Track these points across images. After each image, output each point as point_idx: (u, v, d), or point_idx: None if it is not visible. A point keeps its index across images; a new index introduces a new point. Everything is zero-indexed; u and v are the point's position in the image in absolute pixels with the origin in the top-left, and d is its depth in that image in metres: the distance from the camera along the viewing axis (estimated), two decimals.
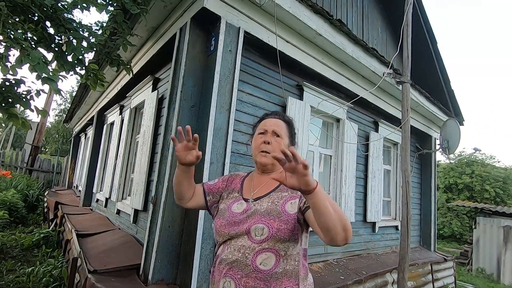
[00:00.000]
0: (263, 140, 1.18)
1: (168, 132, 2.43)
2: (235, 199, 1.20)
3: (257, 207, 1.12)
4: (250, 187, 1.21)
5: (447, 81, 5.61)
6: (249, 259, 1.03)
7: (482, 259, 8.21)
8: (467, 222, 12.74)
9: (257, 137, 1.22)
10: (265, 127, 1.22)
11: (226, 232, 1.10)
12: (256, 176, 1.24)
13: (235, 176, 1.30)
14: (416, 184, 5.48)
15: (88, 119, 7.56)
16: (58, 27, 2.19)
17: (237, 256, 1.04)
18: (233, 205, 1.17)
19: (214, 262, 1.14)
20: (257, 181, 1.22)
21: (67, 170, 9.94)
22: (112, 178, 4.29)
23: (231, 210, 1.16)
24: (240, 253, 1.05)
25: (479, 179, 13.79)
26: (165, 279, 2.14)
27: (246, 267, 1.02)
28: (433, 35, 5.31)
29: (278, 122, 1.24)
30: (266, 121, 1.25)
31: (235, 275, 1.03)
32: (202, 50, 2.53)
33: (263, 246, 1.04)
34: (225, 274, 1.05)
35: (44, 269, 3.34)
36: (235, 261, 1.04)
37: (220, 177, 1.33)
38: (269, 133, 1.20)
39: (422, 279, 4.34)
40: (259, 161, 1.20)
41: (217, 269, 1.09)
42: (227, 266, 1.05)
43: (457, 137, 4.96)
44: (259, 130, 1.23)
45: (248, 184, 1.23)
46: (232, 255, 1.05)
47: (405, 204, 3.31)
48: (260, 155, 1.18)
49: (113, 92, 4.90)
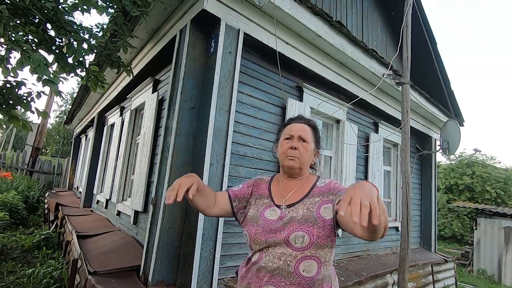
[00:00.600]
0: (290, 146, 1.20)
1: (168, 133, 2.43)
2: (266, 205, 1.20)
3: (293, 214, 1.12)
4: (280, 193, 1.22)
5: (447, 82, 5.61)
6: (291, 266, 1.04)
7: (483, 260, 8.19)
8: (468, 223, 12.71)
9: (284, 142, 1.23)
10: (291, 132, 1.23)
11: (263, 239, 1.10)
12: (283, 181, 1.25)
13: (259, 181, 1.30)
14: (417, 185, 5.48)
15: (88, 120, 7.58)
16: (58, 29, 2.20)
17: (278, 264, 1.06)
18: (266, 212, 1.17)
19: (247, 268, 1.14)
20: (286, 186, 1.23)
21: (67, 171, 9.95)
22: (112, 179, 4.29)
23: (265, 216, 1.15)
24: (281, 260, 1.06)
25: (480, 180, 13.77)
26: (165, 280, 2.15)
27: (289, 274, 1.04)
28: (432, 36, 5.32)
29: (303, 127, 1.25)
30: (292, 126, 1.26)
31: (279, 283, 1.05)
32: (202, 51, 2.54)
33: (305, 253, 1.06)
34: (267, 282, 1.06)
35: (45, 270, 3.35)
36: (276, 268, 1.06)
37: (243, 183, 1.32)
38: (296, 138, 1.21)
39: (422, 280, 4.33)
40: (286, 165, 1.21)
41: (255, 276, 1.09)
42: (268, 273, 1.06)
43: (457, 138, 4.96)
44: (285, 135, 1.24)
45: (277, 189, 1.24)
46: (272, 263, 1.06)
47: (405, 205, 3.31)
48: (288, 159, 1.20)
49: (114, 93, 4.92)
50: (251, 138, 2.80)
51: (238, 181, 2.67)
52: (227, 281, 2.45)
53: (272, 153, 2.93)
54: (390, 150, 5.07)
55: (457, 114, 5.77)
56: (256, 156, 2.83)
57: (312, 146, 1.24)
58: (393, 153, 5.08)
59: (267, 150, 2.92)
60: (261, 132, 2.89)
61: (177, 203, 2.19)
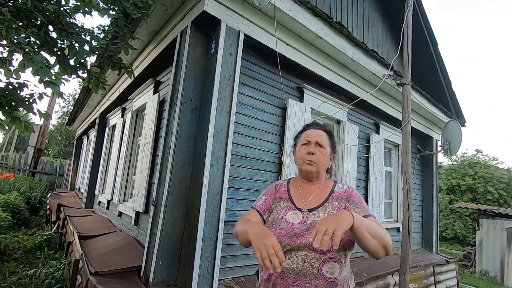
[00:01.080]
0: (308, 151, 1.26)
1: (169, 134, 2.44)
2: (287, 208, 1.24)
3: (315, 218, 1.18)
4: (300, 196, 1.27)
5: (448, 82, 5.60)
6: (315, 268, 1.10)
7: (485, 261, 8.15)
8: (470, 224, 12.66)
9: (301, 148, 1.29)
10: (309, 138, 1.29)
11: (287, 242, 1.13)
12: (301, 185, 1.31)
13: (278, 186, 1.34)
14: (418, 185, 5.47)
15: (90, 121, 7.62)
16: (60, 31, 2.22)
17: (303, 266, 1.10)
18: (287, 215, 1.22)
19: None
20: (305, 190, 1.29)
21: (69, 172, 9.99)
22: (114, 180, 4.31)
23: (287, 220, 1.20)
24: (306, 262, 1.11)
25: (482, 181, 13.71)
26: (165, 281, 2.15)
27: (313, 275, 1.09)
28: (433, 36, 5.32)
29: (320, 133, 1.31)
30: (308, 132, 1.32)
31: (304, 284, 1.10)
32: (203, 53, 2.55)
33: (328, 256, 1.11)
34: (292, 283, 1.10)
35: (46, 271, 3.36)
36: (301, 270, 1.10)
37: (263, 194, 1.33)
38: (313, 144, 1.27)
39: (424, 281, 4.31)
40: (304, 169, 1.27)
41: (280, 278, 1.13)
42: (292, 275, 1.11)
43: (459, 139, 4.94)
44: (303, 141, 1.30)
45: (296, 193, 1.29)
46: (296, 264, 1.11)
47: (406, 205, 3.30)
48: (306, 164, 1.26)
49: (115, 95, 4.94)
50: (251, 139, 2.81)
51: (238, 182, 2.68)
52: (228, 281, 2.45)
53: (276, 158, 2.94)
54: (391, 150, 5.06)
55: (459, 114, 5.76)
56: (257, 157, 2.84)
57: (329, 151, 1.30)
58: (394, 154, 5.07)
59: (267, 151, 2.93)
60: (262, 133, 2.90)
61: (178, 205, 2.19)
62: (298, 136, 1.37)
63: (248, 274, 2.65)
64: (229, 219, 2.55)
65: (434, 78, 5.62)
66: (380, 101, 4.26)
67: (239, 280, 2.53)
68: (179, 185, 2.30)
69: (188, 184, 2.34)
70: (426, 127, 5.36)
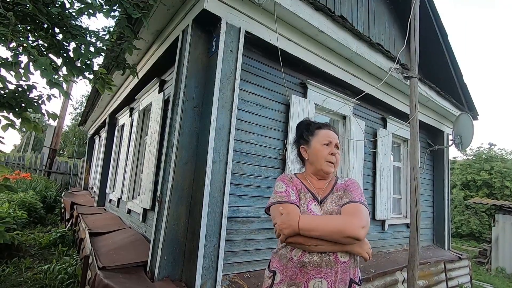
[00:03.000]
0: (331, 152, 1.33)
1: (172, 132, 2.48)
2: (310, 199, 1.29)
3: (324, 208, 1.27)
4: (314, 189, 1.33)
5: (459, 75, 5.44)
6: (331, 255, 1.15)
7: (501, 258, 7.91)
8: (486, 220, 12.30)
9: (323, 148, 1.34)
10: (330, 139, 1.35)
11: None
12: (312, 181, 1.36)
13: (290, 178, 1.36)
14: (428, 181, 5.35)
15: (101, 122, 7.79)
16: (65, 34, 2.28)
17: (322, 257, 1.15)
18: (311, 206, 1.27)
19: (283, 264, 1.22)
20: (315, 185, 1.35)
21: (83, 171, 10.26)
22: (123, 178, 4.41)
23: (313, 211, 1.25)
24: (324, 253, 1.16)
25: (499, 176, 13.27)
26: (170, 275, 2.20)
27: (332, 264, 1.15)
28: (443, 28, 5.17)
29: (336, 135, 1.39)
30: (328, 133, 1.37)
31: (326, 274, 1.14)
32: (204, 51, 2.57)
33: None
34: (314, 276, 1.15)
35: (60, 266, 3.48)
36: (321, 261, 1.15)
37: (282, 188, 1.29)
38: (333, 145, 1.35)
39: (434, 278, 4.24)
40: (326, 170, 1.33)
41: (299, 271, 1.16)
42: (314, 267, 1.15)
43: (470, 132, 4.81)
44: (324, 141, 1.35)
45: (310, 186, 1.35)
46: (317, 257, 1.15)
47: (414, 201, 3.25)
48: (327, 165, 1.32)
49: (123, 95, 5.04)
50: (254, 135, 2.81)
51: (242, 178, 2.69)
52: (232, 277, 2.48)
53: (279, 153, 2.94)
54: (400, 145, 4.97)
55: (471, 107, 5.59)
56: (260, 153, 2.84)
57: (340, 152, 1.41)
58: (403, 149, 4.98)
59: (271, 148, 2.93)
60: (265, 129, 2.90)
61: (182, 202, 2.22)
62: (312, 133, 1.38)
63: (253, 270, 2.67)
64: (233, 215, 2.58)
65: (444, 70, 5.47)
66: (387, 95, 4.19)
67: (243, 275, 2.55)
68: (182, 182, 2.34)
69: (191, 181, 2.38)
70: (436, 121, 5.24)
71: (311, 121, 1.45)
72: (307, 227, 1.12)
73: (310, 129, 1.40)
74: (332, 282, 1.13)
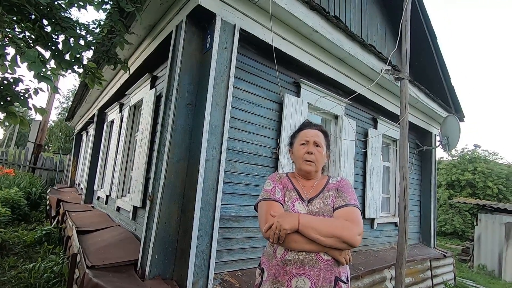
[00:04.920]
0: (307, 151, 1.32)
1: (164, 129, 2.44)
2: (294, 198, 1.30)
3: (311, 208, 1.26)
4: (301, 188, 1.34)
5: (447, 77, 5.57)
6: (313, 254, 1.15)
7: (483, 255, 8.19)
8: (469, 219, 12.70)
9: (300, 148, 1.35)
10: (307, 138, 1.35)
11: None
12: (300, 181, 1.37)
13: (279, 177, 1.38)
14: (416, 180, 5.47)
15: (89, 117, 7.62)
16: (54, 26, 2.20)
17: (304, 255, 1.15)
18: (295, 204, 1.28)
19: (269, 262, 1.22)
20: (304, 185, 1.35)
21: (69, 168, 10.02)
22: (112, 175, 4.33)
23: (296, 209, 1.25)
24: (306, 251, 1.15)
25: (482, 176, 13.71)
26: (161, 274, 2.17)
27: (314, 262, 1.14)
28: (433, 31, 5.28)
29: (317, 133, 1.37)
30: (306, 132, 1.37)
31: (308, 273, 1.14)
32: (198, 47, 2.54)
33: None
34: (296, 274, 1.14)
35: (46, 265, 3.39)
36: (303, 260, 1.15)
37: (270, 186, 1.33)
38: (311, 144, 1.33)
39: (421, 275, 4.34)
40: (304, 169, 1.33)
41: (283, 270, 1.17)
42: (296, 266, 1.15)
43: (457, 134, 4.94)
44: (301, 141, 1.36)
45: (298, 185, 1.35)
46: (299, 255, 1.15)
47: (403, 200, 3.32)
48: (305, 164, 1.32)
49: (113, 90, 4.93)
50: (248, 133, 2.81)
51: (235, 176, 2.68)
52: (224, 275, 2.48)
53: (271, 155, 2.94)
54: (390, 145, 5.06)
55: (457, 109, 5.74)
56: (253, 151, 2.84)
57: (325, 150, 1.37)
58: (392, 149, 5.07)
59: (264, 146, 2.93)
60: (258, 127, 2.90)
61: (174, 199, 2.21)
62: (295, 135, 1.43)
63: (244, 268, 2.67)
64: (225, 213, 2.57)
65: (433, 73, 5.59)
66: (378, 96, 4.25)
67: (235, 273, 2.55)
68: (174, 180, 2.31)
69: (184, 178, 2.35)
70: (424, 122, 5.35)
71: (300, 125, 1.48)
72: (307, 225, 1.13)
73: (294, 133, 1.45)
74: (315, 280, 1.13)
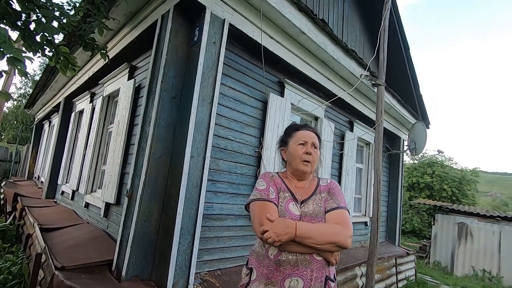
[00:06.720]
0: (306, 151, 1.32)
1: (146, 123, 2.33)
2: (288, 198, 1.29)
3: (305, 209, 1.27)
4: (294, 189, 1.33)
5: (417, 86, 5.93)
6: (307, 254, 1.16)
7: (438, 253, 8.88)
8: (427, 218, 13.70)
9: (298, 147, 1.34)
10: (306, 139, 1.35)
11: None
12: (293, 181, 1.36)
13: (271, 176, 1.36)
14: (385, 182, 5.77)
15: (53, 105, 7.05)
16: (26, 3, 2.00)
17: (298, 256, 1.16)
18: (289, 205, 1.27)
19: (260, 262, 1.21)
20: (297, 185, 1.35)
21: (27, 159, 9.22)
22: (80, 169, 4.05)
23: (290, 211, 1.24)
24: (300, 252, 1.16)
25: (439, 179, 14.87)
26: (139, 275, 2.07)
27: (307, 262, 1.16)
28: (406, 41, 5.58)
29: (313, 135, 1.39)
30: (304, 133, 1.37)
31: (302, 273, 1.15)
32: (185, 40, 2.45)
33: None
34: (290, 274, 1.15)
35: (2, 265, 3.08)
36: (296, 260, 1.15)
37: (263, 185, 1.30)
38: (309, 145, 1.34)
39: (387, 272, 4.60)
40: (301, 169, 1.32)
41: (276, 270, 1.16)
42: (289, 266, 1.15)
43: (424, 139, 5.28)
44: (300, 141, 1.35)
45: (290, 186, 1.34)
46: (293, 256, 1.16)
47: (376, 201, 3.48)
48: (303, 164, 1.32)
49: (84, 78, 4.60)
50: (232, 131, 2.77)
51: (217, 174, 2.63)
52: (204, 275, 2.42)
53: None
54: (363, 148, 5.28)
55: (424, 116, 6.13)
56: (237, 150, 2.80)
57: (319, 152, 1.39)
58: (365, 152, 5.29)
59: (247, 144, 2.91)
60: (243, 125, 2.87)
61: (155, 197, 2.11)
62: (290, 134, 1.41)
63: (224, 267, 2.64)
64: (207, 212, 2.51)
65: (404, 81, 5.91)
66: (356, 100, 4.41)
67: (215, 273, 2.51)
68: (156, 176, 2.21)
69: (166, 175, 2.26)
70: (395, 127, 5.65)
71: (292, 125, 1.49)
72: (303, 235, 1.13)
73: (289, 132, 1.44)
74: (308, 280, 1.15)
